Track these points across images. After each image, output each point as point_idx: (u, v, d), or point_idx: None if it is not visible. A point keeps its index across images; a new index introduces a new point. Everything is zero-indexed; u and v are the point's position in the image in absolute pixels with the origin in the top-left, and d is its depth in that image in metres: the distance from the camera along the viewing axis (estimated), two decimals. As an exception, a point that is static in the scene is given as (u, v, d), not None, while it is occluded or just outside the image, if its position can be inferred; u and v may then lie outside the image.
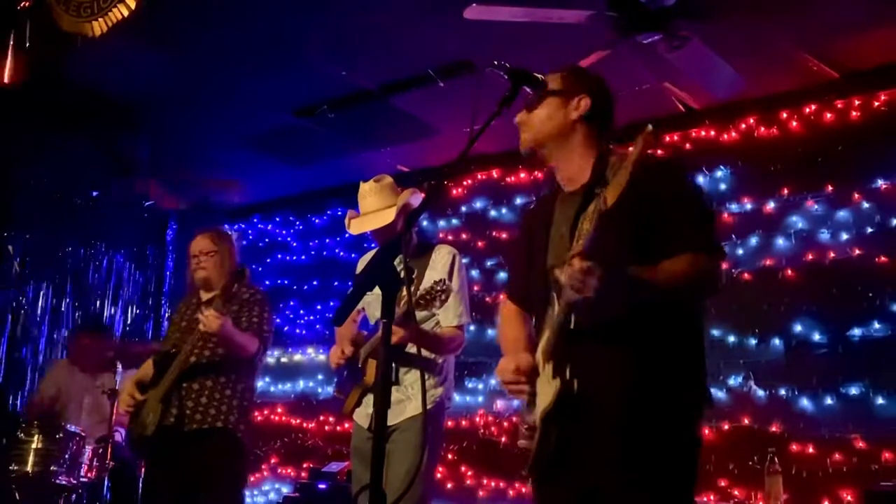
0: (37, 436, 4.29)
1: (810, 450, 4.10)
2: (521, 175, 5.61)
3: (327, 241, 6.62)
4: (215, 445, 3.38)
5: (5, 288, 5.81)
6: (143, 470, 4.72)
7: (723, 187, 4.74)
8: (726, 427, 4.35)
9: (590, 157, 2.11)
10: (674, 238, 1.91)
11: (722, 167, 4.76)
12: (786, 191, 4.51)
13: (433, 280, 2.81)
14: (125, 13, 3.71)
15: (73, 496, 4.63)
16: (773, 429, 4.23)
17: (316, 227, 6.76)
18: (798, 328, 4.29)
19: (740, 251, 4.55)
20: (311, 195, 6.70)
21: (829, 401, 4.12)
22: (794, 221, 4.45)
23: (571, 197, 2.10)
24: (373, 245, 3.48)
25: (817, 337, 4.23)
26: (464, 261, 5.74)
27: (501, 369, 2.08)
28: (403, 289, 2.50)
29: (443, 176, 3.91)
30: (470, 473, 5.27)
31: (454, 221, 5.88)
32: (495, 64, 2.06)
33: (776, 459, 3.94)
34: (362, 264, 3.51)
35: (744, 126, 4.73)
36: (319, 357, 6.29)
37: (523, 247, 2.30)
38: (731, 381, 4.40)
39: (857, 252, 4.22)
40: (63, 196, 6.45)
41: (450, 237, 5.76)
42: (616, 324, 1.90)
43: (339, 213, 6.54)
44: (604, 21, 3.70)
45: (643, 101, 4.78)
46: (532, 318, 2.25)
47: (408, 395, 3.04)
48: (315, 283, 6.53)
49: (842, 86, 4.44)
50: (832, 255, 4.29)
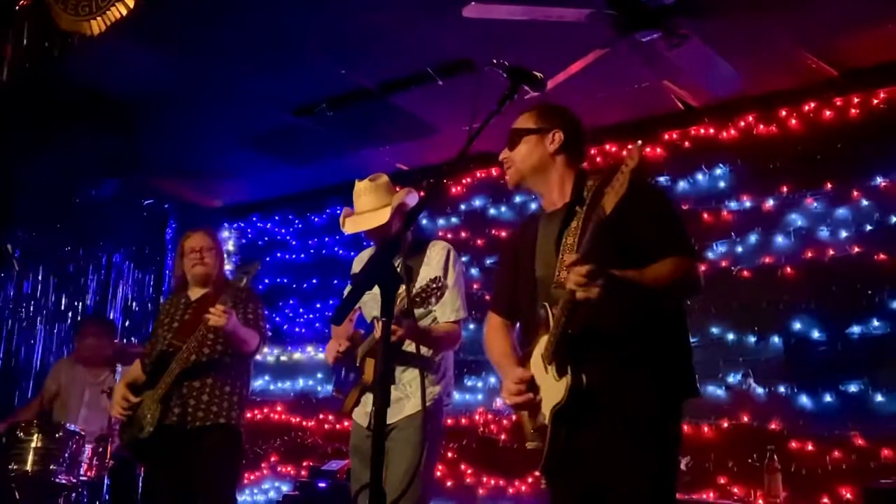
0: (36, 435, 4.29)
1: (809, 447, 4.11)
2: (521, 173, 5.60)
3: (326, 239, 6.62)
4: (218, 441, 3.40)
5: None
6: (144, 469, 4.74)
7: (722, 185, 4.74)
8: (725, 425, 4.35)
9: (569, 182, 2.35)
10: (659, 244, 2.12)
11: (721, 165, 4.76)
12: (785, 188, 4.51)
13: (428, 277, 2.81)
14: (123, 12, 3.72)
15: (73, 495, 4.63)
16: (773, 426, 4.23)
17: (315, 225, 6.76)
18: (797, 326, 4.29)
19: (739, 249, 4.55)
20: (311, 194, 6.69)
21: (828, 398, 4.13)
22: (793, 219, 4.45)
23: (553, 216, 2.33)
24: (367, 244, 3.48)
25: (816, 334, 4.23)
26: (463, 259, 5.77)
27: (508, 391, 2.23)
28: (401, 287, 2.50)
29: (442, 174, 3.91)
30: (470, 471, 5.27)
31: (454, 220, 5.88)
32: (494, 62, 2.07)
33: (775, 457, 3.96)
34: (358, 263, 3.51)
35: (743, 124, 4.73)
36: (319, 355, 6.29)
37: (509, 264, 2.51)
38: (731, 379, 4.40)
39: (856, 250, 4.22)
40: (62, 195, 6.44)
41: (449, 235, 5.76)
42: (611, 324, 2.07)
43: (338, 212, 6.46)
44: (603, 19, 3.70)
45: (642, 100, 4.78)
46: (515, 327, 2.50)
47: (406, 393, 3.04)
48: (314, 281, 6.53)
49: (841, 84, 4.43)
50: (831, 252, 4.29)
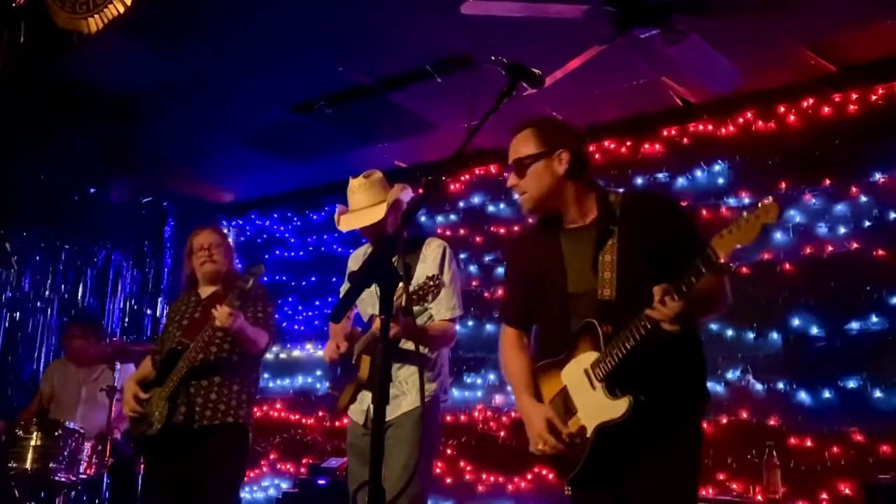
0: (35, 433, 4.29)
1: (808, 443, 4.11)
2: (519, 170, 5.60)
3: (325, 237, 6.62)
4: (225, 440, 3.37)
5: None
6: (144, 466, 4.74)
7: (721, 181, 4.74)
8: (724, 421, 4.36)
9: (588, 198, 2.38)
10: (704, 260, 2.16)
11: (720, 161, 4.76)
12: (783, 185, 4.51)
13: (425, 275, 2.81)
14: (120, 10, 3.70)
15: (73, 493, 4.64)
16: (772, 422, 4.24)
17: (314, 223, 6.76)
18: (796, 322, 4.29)
19: (738, 245, 4.54)
20: (309, 191, 6.69)
21: (827, 394, 4.13)
22: (791, 215, 4.45)
23: (579, 233, 2.36)
24: (364, 241, 3.47)
25: (815, 330, 4.24)
26: (462, 256, 5.77)
27: (537, 434, 2.32)
28: (399, 285, 2.50)
29: (440, 171, 3.90)
30: (469, 468, 5.28)
31: (452, 217, 5.87)
32: (493, 59, 2.07)
33: (774, 453, 3.96)
34: (353, 260, 3.50)
35: (741, 120, 4.73)
36: (318, 353, 6.29)
37: (523, 275, 2.53)
38: (730, 375, 4.41)
39: (854, 246, 4.22)
40: (60, 193, 6.44)
41: (448, 233, 5.76)
42: (664, 347, 2.16)
43: (337, 209, 6.52)
44: (601, 16, 3.70)
45: (641, 96, 4.78)
46: (528, 337, 2.55)
47: (402, 390, 3.04)
48: (313, 279, 6.53)
49: (839, 80, 4.43)
50: (830, 248, 4.29)
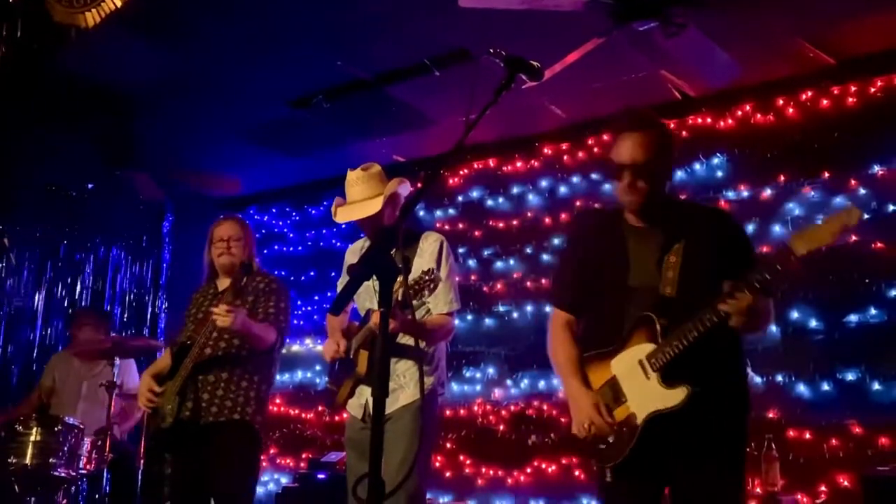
0: (35, 428, 4.29)
1: (807, 436, 4.12)
2: (518, 164, 5.60)
3: (324, 231, 6.62)
4: (231, 437, 3.33)
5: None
6: (143, 462, 4.75)
7: (720, 174, 4.74)
8: (724, 414, 4.36)
9: (663, 202, 2.52)
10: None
11: (718, 154, 4.76)
12: (782, 178, 4.51)
13: (421, 270, 2.81)
14: (118, 4, 3.69)
15: (73, 488, 4.64)
16: (771, 415, 4.24)
17: (313, 217, 6.75)
18: (795, 315, 4.30)
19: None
20: (308, 186, 6.68)
21: (825, 387, 4.14)
22: (790, 208, 4.45)
23: (647, 232, 2.49)
24: (362, 235, 3.47)
25: (814, 323, 4.24)
26: (461, 251, 5.77)
27: (586, 417, 2.40)
28: (398, 279, 2.50)
29: (439, 165, 3.90)
30: (468, 462, 5.29)
31: (451, 211, 5.87)
32: (491, 52, 2.07)
33: (773, 445, 3.97)
34: (350, 254, 3.50)
35: (740, 113, 4.73)
36: (317, 348, 6.29)
37: (583, 263, 2.62)
38: (729, 369, 4.41)
39: (853, 238, 4.22)
40: (58, 188, 6.43)
41: (446, 227, 5.76)
42: (719, 341, 2.29)
43: (334, 202, 6.51)
44: (600, 8, 3.69)
45: (640, 89, 4.77)
46: (577, 325, 2.63)
47: (400, 384, 3.05)
48: (312, 273, 6.53)
49: (838, 72, 4.43)
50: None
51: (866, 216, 4.21)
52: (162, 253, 7.15)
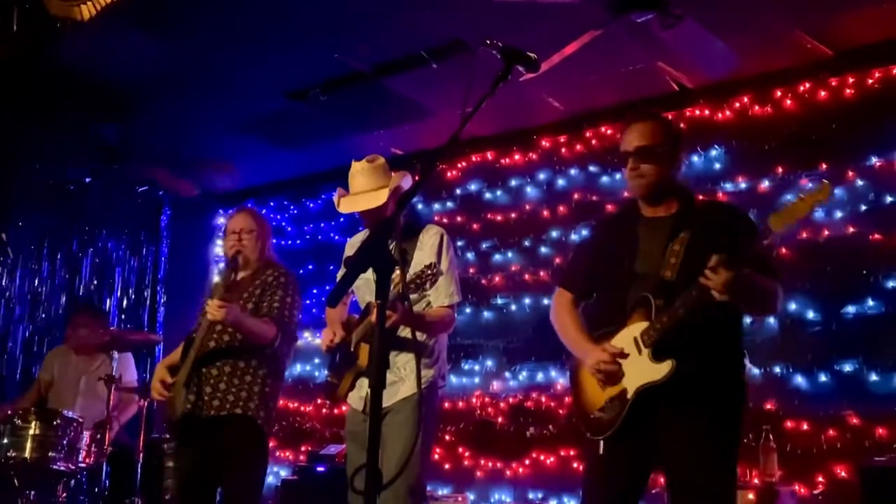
0: (34, 422, 4.29)
1: (805, 427, 4.13)
2: (516, 157, 5.60)
3: (322, 225, 6.61)
4: (234, 433, 3.29)
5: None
6: (143, 455, 4.76)
7: (717, 166, 4.74)
8: (721, 405, 4.37)
9: (674, 196, 2.66)
10: (758, 268, 2.45)
11: (716, 146, 4.75)
12: (780, 169, 4.50)
13: (423, 263, 2.82)
14: (114, -4, 3.68)
15: (72, 482, 4.65)
16: (768, 406, 4.25)
17: (311, 211, 6.75)
18: (792, 306, 4.30)
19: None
20: (306, 179, 6.67)
21: (823, 378, 4.14)
22: (788, 200, 4.44)
23: (658, 223, 2.64)
24: (361, 227, 3.47)
25: (811, 315, 4.25)
26: (459, 244, 5.77)
27: (597, 360, 2.56)
28: (396, 271, 2.50)
29: (436, 157, 3.89)
30: (467, 454, 5.30)
31: (449, 204, 5.87)
32: (488, 43, 2.06)
33: (771, 437, 3.98)
34: (350, 247, 3.50)
35: (738, 105, 4.72)
36: (316, 341, 6.29)
37: (596, 252, 2.83)
38: (726, 360, 4.42)
39: (851, 230, 4.22)
40: (55, 182, 6.42)
41: (445, 220, 5.75)
42: (709, 323, 2.41)
43: (333, 197, 6.49)
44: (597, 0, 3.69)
45: (637, 81, 4.76)
46: (580, 306, 2.84)
47: (401, 376, 3.06)
48: (311, 267, 6.53)
49: (836, 64, 4.42)
50: (826, 233, 4.29)
51: (864, 207, 4.22)
52: (160, 247, 7.15)
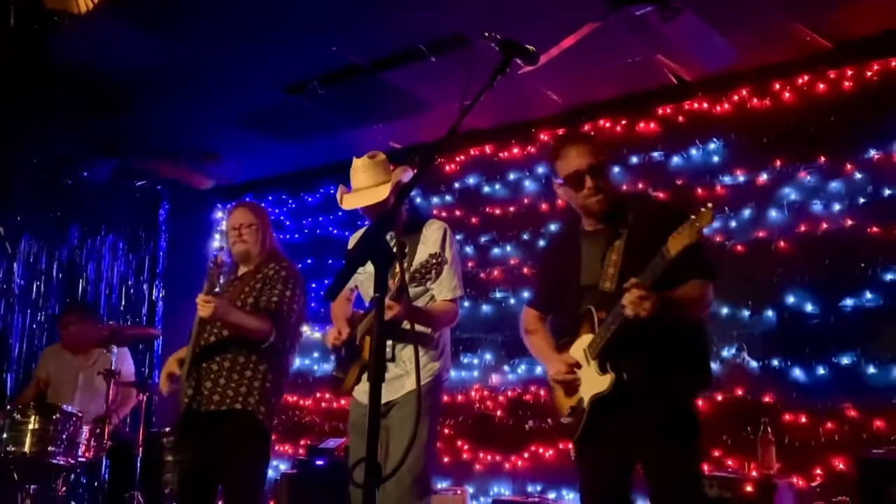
0: (33, 416, 4.30)
1: (803, 419, 4.14)
2: (514, 150, 5.59)
3: (321, 219, 6.61)
4: (233, 428, 3.28)
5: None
6: (142, 449, 4.76)
7: (716, 159, 4.73)
8: (720, 398, 4.38)
9: (608, 206, 2.76)
10: (688, 269, 2.53)
11: (715, 139, 4.75)
12: (778, 162, 4.50)
13: (427, 254, 2.82)
14: (111, -11, 3.66)
15: (72, 476, 4.65)
16: (767, 399, 4.26)
17: (309, 205, 6.75)
18: (791, 299, 4.31)
19: (733, 223, 4.56)
20: (304, 173, 6.67)
21: (821, 371, 4.15)
22: (786, 193, 4.45)
23: (596, 235, 2.78)
24: (365, 222, 3.48)
25: (810, 308, 4.25)
26: (457, 237, 5.77)
27: (557, 371, 2.74)
28: (396, 265, 2.50)
29: (435, 150, 3.89)
30: (466, 448, 5.31)
31: (447, 198, 5.86)
32: (486, 35, 2.06)
33: (769, 429, 3.99)
34: (354, 242, 3.51)
35: (736, 98, 4.72)
36: (315, 335, 6.30)
37: (550, 267, 3.01)
38: (725, 353, 4.43)
39: (849, 223, 4.23)
40: (53, 176, 6.41)
41: (443, 214, 5.75)
42: (648, 333, 2.49)
43: (331, 191, 6.51)
44: (595, -8, 3.68)
45: (635, 74, 4.76)
46: (546, 320, 3.02)
47: (406, 370, 3.07)
48: (309, 261, 6.53)
49: (834, 56, 4.41)
50: (825, 226, 4.30)
51: (862, 200, 4.22)
52: (158, 241, 7.15)
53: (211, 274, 3.34)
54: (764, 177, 4.54)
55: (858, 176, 4.25)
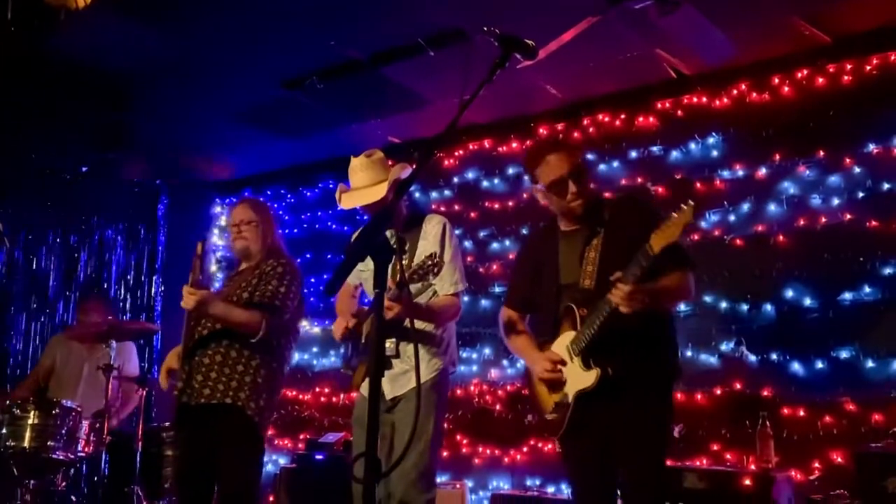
0: (33, 411, 4.30)
1: (801, 413, 4.15)
2: (513, 145, 5.59)
3: (319, 214, 6.61)
4: (224, 423, 3.27)
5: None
6: (141, 444, 4.77)
7: (715, 154, 4.73)
8: (718, 392, 4.39)
9: (583, 207, 2.82)
10: (669, 260, 2.56)
11: (714, 133, 4.75)
12: (777, 156, 4.50)
13: (426, 253, 2.84)
14: (109, -16, 3.65)
15: (72, 471, 4.66)
16: (765, 393, 4.27)
17: (308, 200, 6.74)
18: (789, 293, 4.31)
19: (732, 217, 4.56)
20: (302, 168, 6.67)
21: (819, 364, 4.16)
22: (785, 187, 4.45)
23: (573, 235, 2.85)
24: (361, 219, 3.49)
25: (808, 302, 4.26)
26: (456, 232, 5.76)
27: (541, 369, 2.80)
28: (395, 261, 2.50)
29: (433, 145, 3.89)
30: (465, 442, 5.32)
31: (446, 193, 5.86)
32: (485, 30, 2.06)
33: (768, 423, 4.00)
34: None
35: (735, 92, 4.71)
36: (314, 329, 6.31)
37: (527, 269, 3.05)
38: (723, 347, 4.44)
39: (848, 217, 4.23)
40: (52, 172, 6.40)
41: (442, 208, 5.75)
42: (631, 327, 2.57)
43: (330, 186, 6.51)
44: (594, -14, 3.67)
45: (634, 68, 4.75)
46: (525, 319, 3.09)
47: (411, 365, 3.09)
48: (308, 256, 6.53)
49: (833, 50, 4.41)
50: (823, 220, 4.30)
51: (861, 194, 4.23)
52: (157, 236, 7.14)
53: (195, 265, 3.34)
54: (763, 171, 4.54)
55: (857, 170, 4.25)
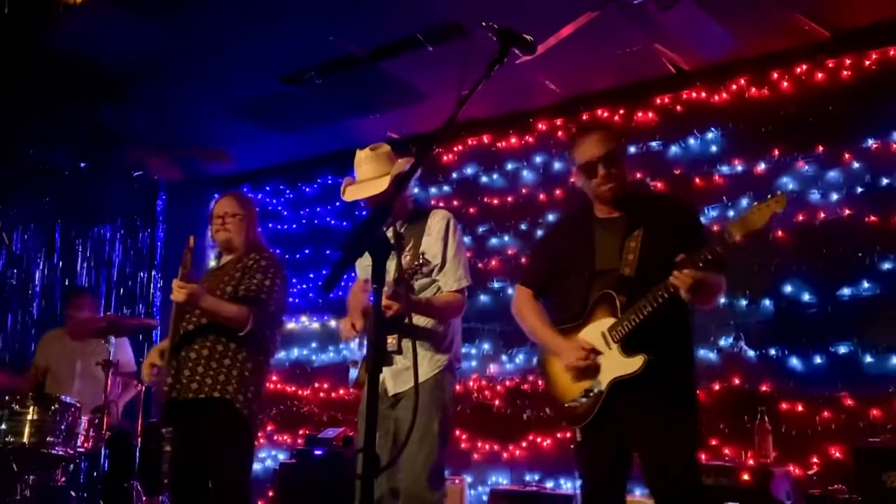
0: (32, 407, 4.29)
1: (800, 408, 4.16)
2: (512, 140, 5.58)
3: (318, 209, 6.60)
4: (212, 416, 3.28)
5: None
6: (140, 439, 4.77)
7: (714, 149, 4.73)
8: (717, 387, 4.39)
9: (626, 191, 2.83)
10: (715, 262, 2.53)
11: (713, 129, 4.75)
12: (777, 152, 4.50)
13: (430, 248, 2.84)
14: (106, -21, 3.64)
15: (71, 466, 4.66)
16: (764, 388, 4.28)
17: (307, 195, 6.74)
18: (788, 289, 4.32)
19: (731, 213, 4.56)
20: (302, 163, 6.65)
21: (818, 360, 4.17)
22: (784, 182, 4.45)
23: (612, 221, 2.82)
24: (360, 213, 3.48)
25: (807, 297, 4.26)
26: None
27: (575, 357, 2.72)
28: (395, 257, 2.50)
29: (432, 140, 3.88)
30: (464, 437, 5.33)
31: (445, 188, 5.86)
32: (484, 25, 2.05)
33: (766, 418, 4.01)
34: None
35: (735, 87, 4.71)
36: (313, 325, 6.31)
37: (552, 252, 3.02)
38: (722, 342, 4.44)
39: (847, 212, 4.23)
40: (51, 167, 6.38)
41: (441, 204, 5.74)
42: (671, 316, 2.59)
43: (329, 182, 6.50)
44: (593, -19, 3.66)
45: (633, 63, 4.74)
46: (539, 301, 3.02)
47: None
48: (307, 251, 6.53)
49: (833, 45, 4.41)
50: (822, 215, 4.30)
51: (860, 189, 4.23)
52: (156, 231, 7.14)
53: (186, 258, 3.34)
54: (762, 166, 4.53)
55: (856, 165, 4.25)
